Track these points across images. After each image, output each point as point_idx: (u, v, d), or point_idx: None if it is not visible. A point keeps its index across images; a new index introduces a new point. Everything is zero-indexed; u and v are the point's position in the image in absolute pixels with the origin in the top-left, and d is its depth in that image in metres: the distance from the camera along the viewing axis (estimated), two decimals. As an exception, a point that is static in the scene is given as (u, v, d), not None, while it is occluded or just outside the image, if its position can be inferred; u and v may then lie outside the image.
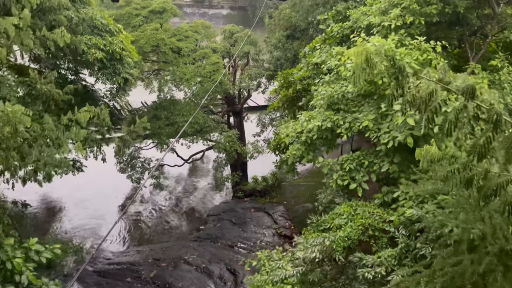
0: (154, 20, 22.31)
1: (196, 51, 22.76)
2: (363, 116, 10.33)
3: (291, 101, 18.63)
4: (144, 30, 21.30)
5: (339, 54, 12.50)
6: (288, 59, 33.48)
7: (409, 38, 10.56)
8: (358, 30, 13.47)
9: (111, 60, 15.38)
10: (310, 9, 30.42)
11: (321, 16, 16.70)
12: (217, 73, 20.96)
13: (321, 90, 12.23)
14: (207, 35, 26.85)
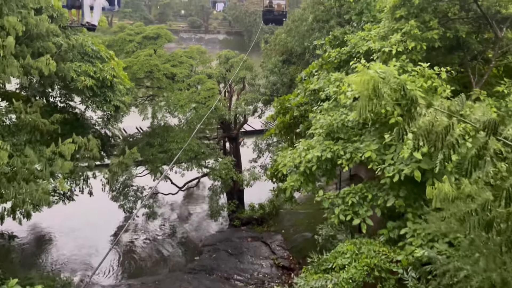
0: (148, 46, 21.99)
1: (191, 76, 22.36)
2: (365, 146, 9.76)
3: (288, 127, 18.10)
4: (137, 56, 20.92)
5: (337, 80, 12.03)
6: (284, 83, 33.21)
7: (411, 64, 10.09)
8: (357, 56, 13.06)
9: (102, 88, 14.87)
10: (306, 34, 30.32)
11: (317, 41, 16.34)
12: (212, 99, 20.50)
13: (320, 118, 11.69)
14: (203, 60, 26.59)
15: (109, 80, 14.70)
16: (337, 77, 12.06)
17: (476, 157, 4.36)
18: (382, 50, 10.51)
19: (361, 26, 16.11)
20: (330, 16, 26.53)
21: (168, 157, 20.41)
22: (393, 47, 10.30)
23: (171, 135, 20.63)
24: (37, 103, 11.72)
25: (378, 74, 9.12)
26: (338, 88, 12.03)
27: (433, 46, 11.13)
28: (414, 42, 10.33)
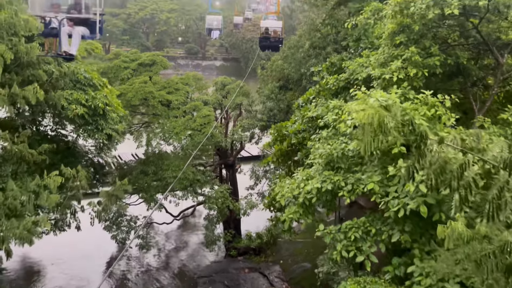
0: (143, 73, 21.75)
1: (186, 103, 22.05)
2: (367, 178, 9.28)
3: (285, 155, 17.64)
4: (132, 83, 20.64)
5: (336, 108, 11.67)
6: (281, 109, 32.98)
7: (412, 91, 9.75)
8: (355, 82, 12.77)
9: (94, 116, 14.46)
10: (303, 60, 30.29)
11: (315, 68, 16.11)
12: (208, 126, 20.11)
13: (319, 147, 11.26)
14: (199, 87, 26.39)
15: (101, 108, 14.31)
16: (336, 105, 11.71)
17: (498, 198, 3.91)
18: (383, 77, 10.19)
19: (359, 53, 15.93)
20: (326, 43, 26.52)
21: (162, 186, 19.84)
22: (394, 74, 9.97)
23: (165, 163, 20.12)
24: (25, 132, 11.25)
25: (380, 103, 8.78)
26: (337, 116, 11.67)
27: (434, 73, 10.82)
28: (415, 69, 10.02)
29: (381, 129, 4.83)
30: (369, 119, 5.00)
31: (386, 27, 11.62)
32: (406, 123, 4.79)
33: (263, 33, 21.72)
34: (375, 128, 4.85)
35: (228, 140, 23.94)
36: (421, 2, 9.96)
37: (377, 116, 4.92)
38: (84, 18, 9.46)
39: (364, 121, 5.03)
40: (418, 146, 4.56)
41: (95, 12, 9.46)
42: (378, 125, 4.85)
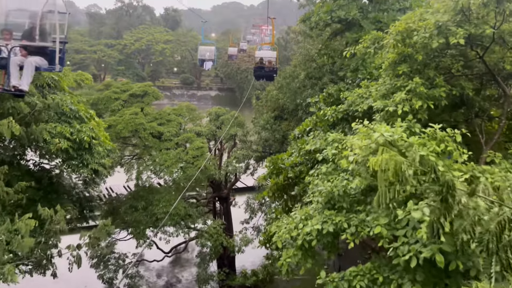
0: (134, 104, 21.13)
1: (179, 135, 21.33)
2: (372, 219, 8.46)
3: (282, 189, 16.80)
4: (122, 115, 19.97)
5: (336, 141, 10.95)
6: (276, 140, 32.34)
7: (418, 124, 9.07)
8: (354, 114, 12.14)
9: (79, 150, 13.65)
10: (298, 91, 29.92)
11: (312, 98, 15.55)
12: (201, 158, 19.31)
13: (318, 184, 10.46)
14: (192, 117, 25.79)
15: (87, 141, 13.52)
16: (335, 138, 11.00)
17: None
18: (386, 109, 9.53)
19: (357, 83, 15.41)
20: (322, 73, 26.20)
21: (152, 222, 18.84)
22: (398, 106, 9.33)
23: (156, 197, 19.18)
24: (1, 169, 10.37)
25: (385, 138, 8.07)
26: (337, 150, 10.93)
27: (439, 104, 10.20)
28: (420, 101, 9.39)
29: (398, 177, 4.06)
30: (383, 165, 4.24)
31: (387, 57, 11.08)
32: (428, 170, 4.04)
33: (258, 63, 21.78)
34: (391, 176, 4.09)
35: (222, 172, 23.09)
36: (424, 31, 9.44)
37: (392, 163, 4.17)
38: (40, 47, 8.08)
39: (377, 168, 4.27)
40: (445, 199, 3.80)
41: (54, 39, 8.16)
42: (394, 173, 4.09)
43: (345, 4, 15.27)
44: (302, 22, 16.62)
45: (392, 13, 15.14)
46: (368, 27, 14.93)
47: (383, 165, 4.37)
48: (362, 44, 10.87)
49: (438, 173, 4.08)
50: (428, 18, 10.04)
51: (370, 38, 10.82)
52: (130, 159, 25.21)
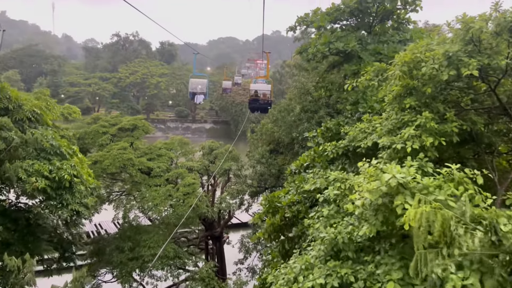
0: (123, 138, 20.16)
1: (170, 170, 20.25)
2: (383, 273, 7.38)
3: (279, 230, 15.65)
4: (110, 150, 18.95)
5: (338, 181, 9.98)
6: (272, 174, 31.32)
7: (430, 163, 8.15)
8: (357, 150, 11.25)
9: (58, 189, 12.55)
10: (293, 124, 29.21)
11: (309, 133, 14.70)
12: (193, 195, 18.19)
13: (320, 229, 9.41)
14: (185, 151, 24.82)
15: (67, 180, 12.44)
16: (338, 177, 10.03)
17: None
18: (393, 146, 8.63)
19: (356, 117, 14.62)
20: (318, 106, 25.56)
21: (139, 265, 17.48)
22: (407, 143, 8.44)
23: (143, 238, 17.89)
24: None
25: (398, 180, 7.12)
26: (340, 191, 9.95)
27: (449, 141, 9.33)
28: (431, 137, 8.52)
29: (444, 236, 3.10)
30: (423, 221, 3.28)
31: (391, 90, 10.30)
32: (486, 230, 3.09)
33: (253, 95, 22.14)
34: (437, 236, 3.11)
35: (215, 209, 21.88)
36: (433, 61, 8.69)
37: (439, 218, 3.21)
38: None
39: (414, 224, 3.30)
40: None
41: None
42: (441, 233, 3.11)
43: (344, 36, 14.71)
44: (298, 53, 16.01)
45: (392, 44, 14.58)
46: (367, 59, 14.31)
47: (423, 221, 3.39)
48: (364, 77, 10.12)
49: (500, 233, 3.11)
50: (435, 49, 9.33)
51: (373, 70, 10.08)
52: (119, 195, 24.01)
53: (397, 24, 16.63)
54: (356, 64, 14.58)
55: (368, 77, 10.12)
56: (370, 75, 10.09)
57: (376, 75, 10.06)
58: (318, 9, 16.58)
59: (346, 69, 14.46)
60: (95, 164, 17.51)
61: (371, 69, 10.15)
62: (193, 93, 21.97)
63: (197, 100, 21.33)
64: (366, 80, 10.14)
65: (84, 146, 20.00)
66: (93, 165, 17.71)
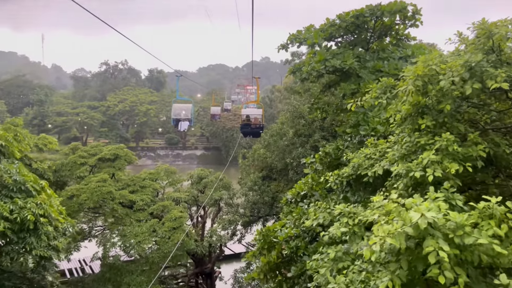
0: (104, 169, 18.54)
1: (155, 203, 18.58)
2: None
3: (275, 269, 13.99)
4: (88, 182, 17.29)
5: (345, 216, 8.51)
6: (265, 202, 29.76)
7: (459, 195, 6.75)
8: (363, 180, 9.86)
9: (21, 232, 10.87)
10: (286, 149, 27.92)
11: (307, 159, 13.31)
12: (179, 230, 16.51)
13: (326, 275, 7.86)
14: (172, 181, 23.21)
15: (31, 221, 10.78)
16: (344, 211, 8.56)
17: None
18: (410, 175, 7.23)
19: (357, 141, 13.30)
20: (312, 130, 24.37)
21: (120, 311, 15.61)
22: (427, 170, 7.05)
23: (125, 280, 16.07)
24: None
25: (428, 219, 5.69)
26: (348, 228, 8.45)
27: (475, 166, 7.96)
28: (455, 163, 7.14)
29: None
30: None
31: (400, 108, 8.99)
32: None
33: (244, 120, 21.32)
34: None
35: (204, 244, 20.12)
36: (452, 74, 7.41)
37: None
38: None
39: None
40: None
41: None
42: None
43: (340, 53, 13.56)
44: (291, 73, 14.80)
45: (393, 61, 13.44)
46: (367, 77, 13.12)
47: None
48: (370, 94, 8.82)
49: None
50: (449, 61, 8.08)
51: (379, 87, 8.79)
52: (102, 229, 22.18)
53: (396, 40, 15.58)
54: (354, 83, 13.37)
55: (374, 94, 8.82)
56: (376, 92, 8.79)
57: (383, 92, 8.75)
58: (312, 26, 15.47)
59: (344, 88, 13.24)
60: (71, 198, 15.86)
61: (377, 85, 8.86)
62: (176, 120, 19.09)
63: (181, 127, 19.19)
64: (372, 98, 8.82)
65: (60, 179, 18.34)
66: (69, 200, 16.04)
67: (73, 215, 16.79)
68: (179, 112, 18.56)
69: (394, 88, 8.62)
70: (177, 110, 18.94)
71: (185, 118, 18.20)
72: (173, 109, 18.94)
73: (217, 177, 25.59)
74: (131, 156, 19.96)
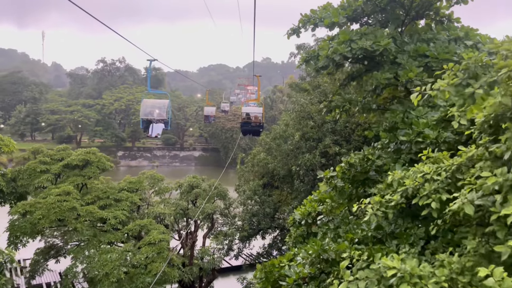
0: (71, 177, 15.09)
1: (133, 219, 15.11)
2: None
3: (281, 319, 10.54)
4: (47, 195, 13.82)
5: (406, 283, 5.11)
6: (266, 214, 26.32)
7: None
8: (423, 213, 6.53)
9: None
10: (291, 154, 24.50)
11: (326, 172, 9.83)
12: (159, 258, 13.03)
13: None
14: (159, 190, 19.80)
15: None
16: (404, 273, 5.16)
17: None
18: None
19: (392, 149, 9.85)
20: (323, 133, 20.93)
21: None
22: None
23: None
24: None
25: None
26: None
27: None
28: None
29: None
30: None
31: (481, 107, 5.55)
32: None
33: (244, 118, 20.73)
34: None
35: (194, 268, 16.64)
36: None
37: None
38: None
39: None
40: None
41: None
42: None
43: (370, 33, 10.18)
44: (303, 63, 11.42)
45: (442, 44, 10.04)
46: (408, 63, 9.70)
47: None
48: (447, 79, 5.37)
49: None
50: None
51: (463, 67, 5.31)
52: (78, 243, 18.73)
53: (435, 22, 12.12)
54: (389, 71, 9.97)
55: (454, 80, 5.36)
56: (460, 74, 5.33)
57: (472, 75, 5.30)
58: (329, 4, 12.02)
59: (377, 78, 9.85)
60: (23, 216, 12.40)
61: (460, 66, 5.41)
62: (147, 121, 13.79)
63: (153, 131, 13.92)
64: (449, 84, 5.37)
65: (17, 189, 14.90)
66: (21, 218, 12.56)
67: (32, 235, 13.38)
68: (150, 111, 13.66)
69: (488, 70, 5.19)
70: (148, 108, 13.91)
71: (159, 118, 13.65)
72: (143, 107, 13.89)
73: (211, 185, 22.22)
74: (104, 162, 16.37)
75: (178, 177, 42.95)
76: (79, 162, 15.45)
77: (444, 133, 8.69)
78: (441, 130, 8.76)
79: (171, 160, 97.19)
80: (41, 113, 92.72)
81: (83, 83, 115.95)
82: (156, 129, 12.91)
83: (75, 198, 13.86)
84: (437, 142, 8.75)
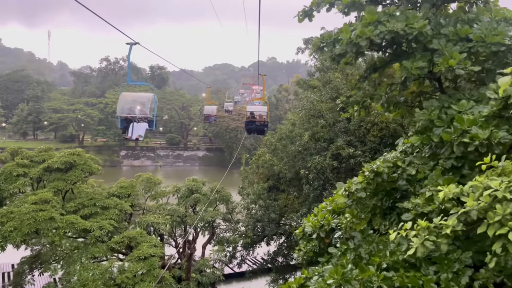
0: (52, 182, 13.40)
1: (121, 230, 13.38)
2: None
3: None
4: (23, 203, 12.14)
5: None
6: (271, 220, 24.57)
7: None
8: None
9: None
10: (298, 155, 22.71)
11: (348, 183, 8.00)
12: (149, 276, 11.30)
13: None
14: (155, 195, 18.11)
15: None
16: None
17: None
18: None
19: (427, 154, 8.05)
20: (334, 133, 19.10)
21: None
22: None
23: None
24: None
25: None
26: None
27: None
28: None
29: None
30: None
31: None
32: None
33: (249, 117, 20.24)
34: None
35: (191, 283, 14.89)
36: None
37: None
38: None
39: None
40: None
41: None
42: None
43: (401, 13, 8.39)
44: (317, 50, 9.63)
45: (486, 25, 8.23)
46: (447, 48, 7.89)
47: None
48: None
49: None
50: None
51: None
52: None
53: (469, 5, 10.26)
54: (422, 58, 8.16)
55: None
56: None
57: None
58: (347, -18, 10.20)
59: (408, 67, 8.06)
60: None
61: None
62: (126, 120, 11.03)
63: (133, 132, 10.70)
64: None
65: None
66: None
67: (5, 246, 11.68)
68: (131, 107, 10.94)
69: None
70: (127, 104, 11.05)
71: (141, 115, 10.92)
72: (121, 102, 11.11)
73: (213, 188, 20.52)
74: (91, 165, 14.57)
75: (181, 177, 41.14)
76: (61, 165, 13.73)
77: (499, 132, 6.83)
78: (493, 128, 6.92)
79: (174, 160, 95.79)
80: (43, 112, 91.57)
81: (87, 82, 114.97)
82: (137, 129, 10.56)
83: (54, 207, 12.17)
84: (489, 144, 6.89)
